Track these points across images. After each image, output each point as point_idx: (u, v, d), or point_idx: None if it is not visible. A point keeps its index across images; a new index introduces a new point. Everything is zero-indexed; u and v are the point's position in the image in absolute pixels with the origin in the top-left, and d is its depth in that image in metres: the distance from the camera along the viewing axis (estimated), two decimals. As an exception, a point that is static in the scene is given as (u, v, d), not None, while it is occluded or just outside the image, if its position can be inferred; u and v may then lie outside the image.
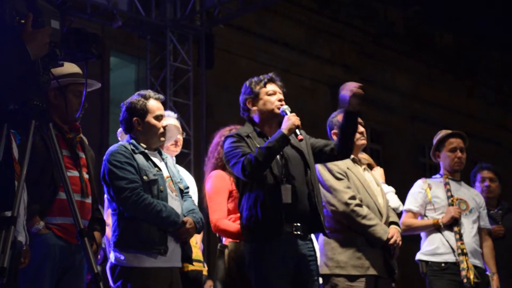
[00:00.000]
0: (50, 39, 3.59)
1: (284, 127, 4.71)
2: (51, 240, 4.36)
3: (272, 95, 4.92)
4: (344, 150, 4.98)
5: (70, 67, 4.42)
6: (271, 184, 4.71)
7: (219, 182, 5.42)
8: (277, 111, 4.88)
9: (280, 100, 4.91)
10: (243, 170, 4.64)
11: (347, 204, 5.28)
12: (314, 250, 4.87)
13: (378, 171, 6.27)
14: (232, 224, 5.26)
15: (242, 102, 5.01)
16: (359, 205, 5.27)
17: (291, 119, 4.72)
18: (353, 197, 5.31)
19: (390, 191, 6.08)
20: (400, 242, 5.38)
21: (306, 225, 4.79)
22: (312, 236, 5.05)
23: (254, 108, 4.95)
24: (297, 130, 4.71)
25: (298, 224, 4.74)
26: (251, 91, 4.95)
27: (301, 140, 4.75)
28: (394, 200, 6.00)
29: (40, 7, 3.59)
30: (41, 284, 4.30)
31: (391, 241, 5.30)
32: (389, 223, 5.44)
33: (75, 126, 4.62)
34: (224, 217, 5.32)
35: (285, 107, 4.87)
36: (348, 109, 4.83)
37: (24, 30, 3.49)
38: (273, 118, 4.92)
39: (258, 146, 4.71)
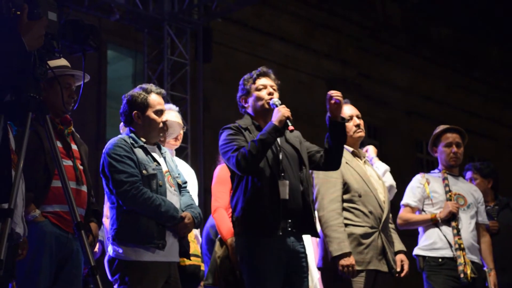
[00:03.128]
0: (46, 31, 3.58)
1: (275, 118, 4.69)
2: (47, 228, 4.38)
3: (262, 89, 4.91)
4: (329, 162, 4.97)
5: (58, 60, 4.40)
6: (269, 178, 4.71)
7: (223, 173, 5.53)
8: (267, 106, 4.87)
9: (270, 94, 4.89)
10: (238, 165, 4.63)
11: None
12: (304, 247, 4.88)
13: (371, 149, 6.47)
14: (226, 221, 5.36)
15: (238, 99, 5.03)
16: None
17: (281, 111, 4.70)
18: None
19: (385, 169, 6.17)
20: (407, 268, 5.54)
21: (299, 223, 4.78)
22: None
23: (247, 105, 4.97)
24: (288, 121, 4.68)
25: (291, 221, 4.74)
26: (243, 87, 4.98)
27: (292, 131, 4.71)
28: (388, 179, 6.07)
29: (36, -1, 3.57)
30: (37, 273, 4.31)
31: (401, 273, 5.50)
32: (395, 252, 5.48)
33: (66, 118, 4.62)
34: (223, 206, 5.44)
35: (275, 100, 4.85)
36: (330, 117, 4.81)
37: (20, 22, 3.47)
38: (267, 113, 4.88)
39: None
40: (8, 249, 3.46)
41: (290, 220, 4.73)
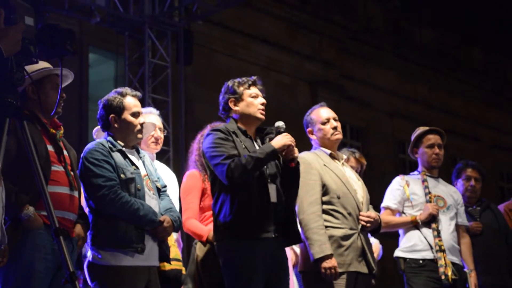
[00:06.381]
0: (23, 36, 3.56)
1: (277, 143, 4.75)
2: (43, 236, 4.28)
3: (255, 97, 4.98)
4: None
5: (42, 63, 4.39)
6: (259, 183, 4.74)
7: (190, 181, 5.52)
8: (259, 115, 4.94)
9: (262, 104, 4.98)
10: (229, 174, 4.64)
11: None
12: (283, 250, 4.93)
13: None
14: (199, 225, 5.37)
15: (223, 101, 5.04)
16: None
17: (286, 139, 4.76)
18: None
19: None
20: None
21: (282, 227, 4.82)
22: None
23: (236, 108, 4.98)
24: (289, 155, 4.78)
25: (277, 225, 4.78)
26: (234, 91, 4.99)
27: (293, 167, 4.81)
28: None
29: (13, 4, 3.57)
30: (31, 281, 4.23)
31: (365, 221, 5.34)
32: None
33: (55, 122, 4.59)
34: (193, 217, 5.41)
35: (281, 124, 4.89)
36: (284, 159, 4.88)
37: None
38: (256, 121, 4.97)
39: (248, 153, 4.72)
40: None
41: (276, 224, 4.77)
